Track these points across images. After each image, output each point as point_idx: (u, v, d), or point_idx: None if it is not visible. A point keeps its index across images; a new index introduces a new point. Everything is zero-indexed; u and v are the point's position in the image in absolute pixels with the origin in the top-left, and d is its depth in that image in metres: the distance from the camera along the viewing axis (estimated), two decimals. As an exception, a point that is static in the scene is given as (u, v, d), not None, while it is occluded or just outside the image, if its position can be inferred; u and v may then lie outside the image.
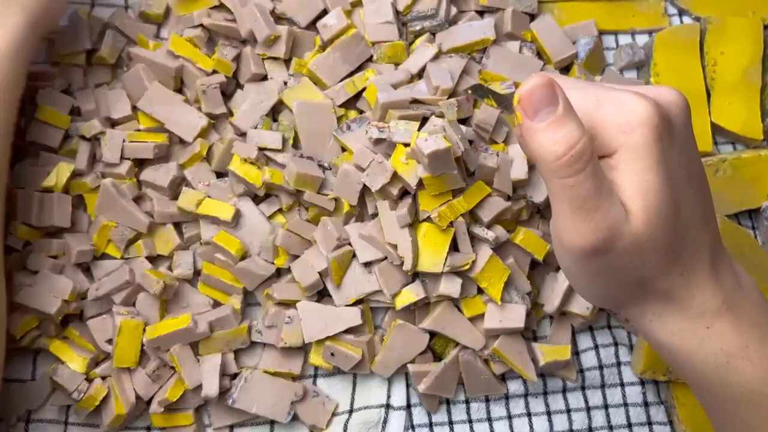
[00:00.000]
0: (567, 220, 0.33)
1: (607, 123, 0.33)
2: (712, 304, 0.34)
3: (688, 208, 0.34)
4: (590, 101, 0.34)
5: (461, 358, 0.52)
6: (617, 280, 0.35)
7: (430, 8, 0.56)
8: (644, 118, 0.32)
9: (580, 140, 0.31)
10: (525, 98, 0.32)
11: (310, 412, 0.52)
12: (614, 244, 0.32)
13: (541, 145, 0.32)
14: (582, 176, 0.31)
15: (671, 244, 0.33)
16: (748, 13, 0.62)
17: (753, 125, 0.59)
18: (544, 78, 0.31)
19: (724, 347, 0.34)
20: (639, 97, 0.33)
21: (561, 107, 0.31)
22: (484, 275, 0.51)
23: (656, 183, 0.32)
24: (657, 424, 0.55)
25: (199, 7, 0.56)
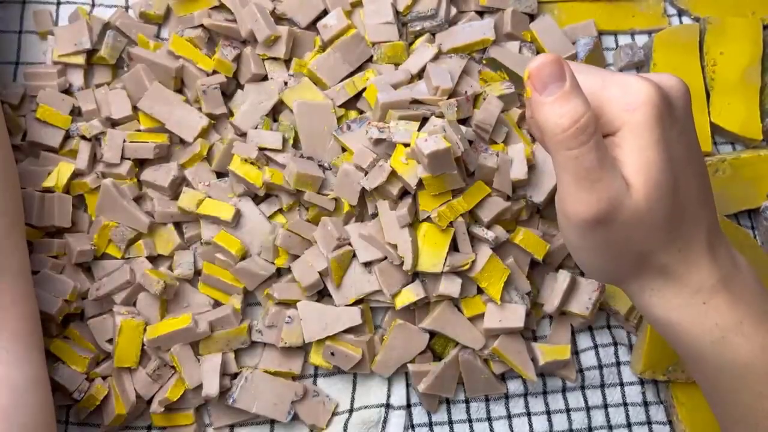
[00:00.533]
0: (571, 190, 0.35)
1: (611, 102, 0.35)
2: (709, 280, 0.36)
3: (686, 186, 0.36)
4: (596, 82, 0.36)
5: (461, 358, 0.52)
6: (618, 252, 0.36)
7: (430, 9, 0.56)
8: (647, 98, 0.34)
9: (584, 114, 0.33)
10: (534, 73, 0.34)
11: (311, 412, 0.52)
12: (615, 215, 0.34)
13: (548, 118, 0.34)
14: (586, 148, 0.34)
15: (670, 219, 0.35)
16: (747, 14, 0.62)
17: (752, 125, 0.59)
18: (553, 56, 0.34)
19: (720, 323, 0.36)
20: (642, 80, 0.35)
21: (568, 83, 0.34)
22: (484, 275, 0.51)
23: (657, 159, 0.34)
24: (656, 423, 0.55)
25: (199, 7, 0.57)
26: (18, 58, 0.57)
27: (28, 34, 0.58)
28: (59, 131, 0.53)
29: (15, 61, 0.57)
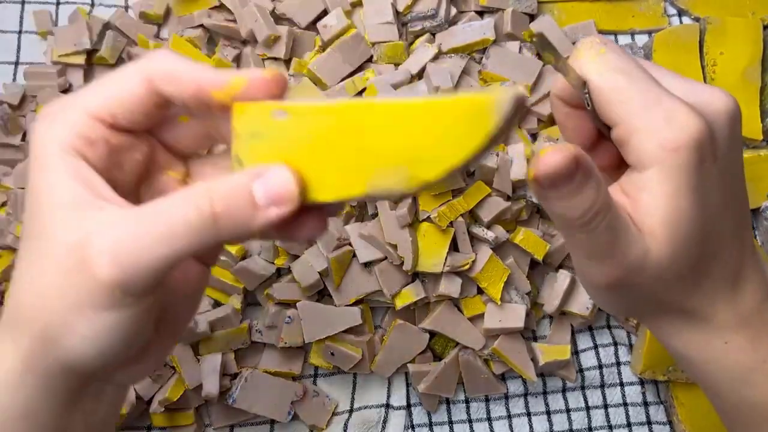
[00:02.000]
0: (583, 263, 0.32)
1: (648, 133, 0.30)
2: (733, 319, 0.33)
3: (720, 231, 0.32)
4: (639, 99, 0.30)
5: (461, 358, 0.52)
6: (638, 302, 0.34)
7: (429, 8, 0.56)
8: (690, 138, 0.29)
9: (596, 203, 0.29)
10: (542, 179, 0.28)
11: (310, 412, 0.52)
12: (633, 279, 0.31)
13: (553, 207, 0.30)
14: (596, 232, 0.30)
15: (697, 269, 0.32)
16: (747, 14, 0.62)
17: (752, 125, 0.59)
18: (565, 156, 0.28)
19: (741, 361, 0.33)
20: (690, 113, 0.29)
21: (578, 178, 0.28)
22: (484, 275, 0.51)
23: (689, 209, 0.30)
24: (656, 423, 0.55)
25: (199, 7, 0.56)
26: (18, 58, 0.57)
27: (28, 34, 0.58)
28: (59, 131, 0.53)
29: (15, 61, 0.57)
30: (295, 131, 0.28)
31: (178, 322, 0.33)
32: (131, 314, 0.28)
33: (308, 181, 0.28)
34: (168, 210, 0.27)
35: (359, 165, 0.27)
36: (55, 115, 0.29)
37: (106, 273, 0.26)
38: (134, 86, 0.29)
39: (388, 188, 0.27)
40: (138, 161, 0.31)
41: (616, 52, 0.31)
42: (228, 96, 0.29)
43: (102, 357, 0.28)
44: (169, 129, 0.32)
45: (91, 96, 0.30)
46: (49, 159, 0.29)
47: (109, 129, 0.30)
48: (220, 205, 0.27)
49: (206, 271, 0.34)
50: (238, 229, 0.27)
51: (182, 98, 0.29)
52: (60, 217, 0.28)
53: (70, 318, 0.27)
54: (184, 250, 0.27)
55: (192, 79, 0.29)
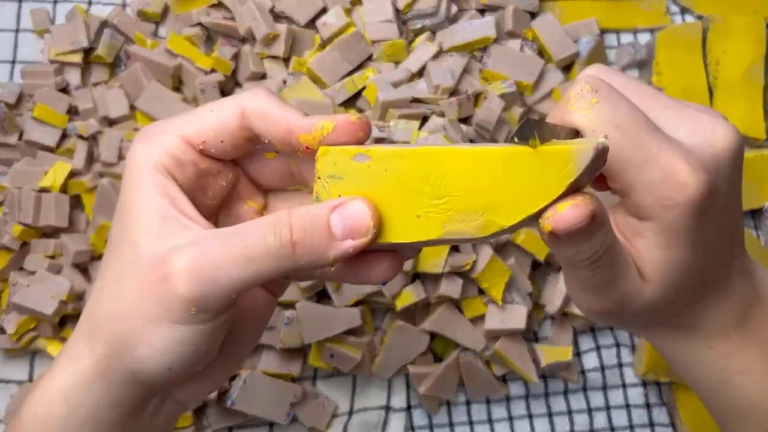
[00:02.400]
0: (578, 294, 0.33)
1: (648, 189, 0.30)
2: (719, 328, 0.34)
3: (711, 262, 0.32)
4: (635, 157, 0.29)
5: (462, 360, 0.52)
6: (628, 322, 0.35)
7: (430, 6, 0.55)
8: (690, 197, 0.29)
9: (603, 245, 0.29)
10: (560, 234, 0.28)
11: (310, 414, 0.52)
12: (625, 309, 0.32)
13: (563, 252, 0.30)
14: (598, 271, 0.30)
15: (685, 299, 0.33)
16: (750, 12, 0.62)
17: (756, 125, 0.59)
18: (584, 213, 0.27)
19: (726, 365, 0.34)
20: (689, 169, 0.29)
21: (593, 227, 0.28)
22: (485, 276, 0.51)
23: (683, 258, 0.31)
24: (659, 425, 0.54)
25: (197, 5, 0.56)
26: (15, 57, 0.57)
27: (25, 32, 0.57)
28: (56, 130, 0.53)
29: (12, 60, 0.57)
30: (375, 174, 0.29)
31: (241, 346, 0.34)
32: (203, 331, 0.29)
33: (386, 223, 0.29)
34: (249, 234, 0.29)
35: (436, 209, 0.29)
36: (152, 135, 0.32)
37: (184, 289, 0.28)
38: (229, 118, 0.31)
39: (464, 233, 0.29)
40: (222, 187, 0.33)
41: (608, 101, 0.30)
42: (315, 139, 0.30)
43: (169, 371, 0.30)
44: (254, 162, 0.34)
45: (187, 121, 0.32)
46: (141, 175, 0.31)
47: (199, 154, 0.32)
48: (299, 233, 0.28)
49: (273, 301, 0.36)
50: (314, 258, 0.29)
51: (271, 137, 0.31)
52: (145, 230, 0.30)
53: (144, 329, 0.29)
54: (261, 274, 0.28)
55: (283, 120, 0.31)
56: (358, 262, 0.31)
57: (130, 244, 0.30)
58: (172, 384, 0.31)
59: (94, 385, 0.30)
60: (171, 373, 0.30)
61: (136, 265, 0.29)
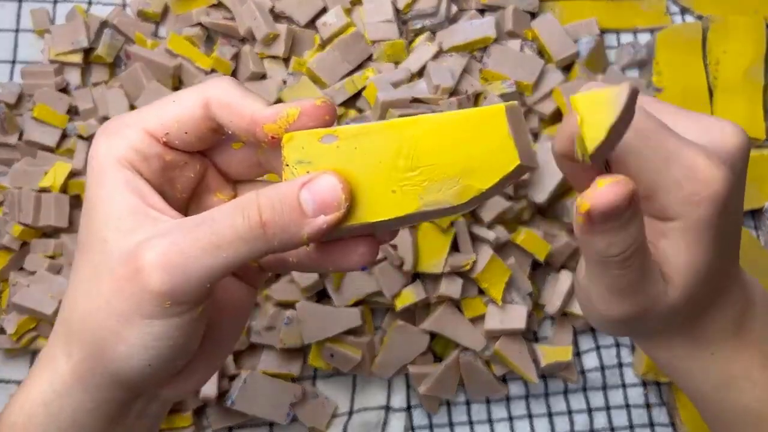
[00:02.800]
0: (603, 295, 0.31)
1: (671, 189, 0.29)
2: (719, 333, 0.34)
3: (725, 268, 0.33)
4: (656, 157, 0.29)
5: (462, 360, 0.52)
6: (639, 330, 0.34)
7: (430, 6, 0.55)
8: (715, 192, 0.29)
9: (637, 240, 0.28)
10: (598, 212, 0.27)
11: (310, 414, 0.52)
12: (648, 314, 0.31)
13: (596, 243, 0.29)
14: (628, 270, 0.29)
15: (704, 304, 0.33)
16: (750, 12, 0.62)
17: (756, 125, 0.59)
18: (625, 190, 0.26)
19: (726, 370, 0.34)
20: (711, 164, 0.29)
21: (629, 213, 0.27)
22: (485, 276, 0.51)
23: (706, 260, 0.30)
24: (659, 425, 0.54)
25: (197, 5, 0.56)
26: (15, 57, 0.57)
27: (25, 32, 0.57)
28: (56, 130, 0.53)
29: (12, 60, 0.57)
30: (344, 154, 0.28)
31: (223, 342, 0.33)
32: (179, 324, 0.28)
33: (360, 203, 0.28)
34: (217, 220, 0.27)
35: (410, 182, 0.28)
36: (113, 131, 0.30)
37: (156, 283, 0.27)
38: (192, 108, 0.30)
39: (442, 202, 0.28)
40: (190, 179, 0.32)
41: None
42: (280, 128, 0.29)
43: (149, 368, 0.29)
44: (221, 153, 0.33)
45: (149, 114, 0.31)
46: (105, 171, 0.30)
47: (164, 147, 0.31)
48: (268, 213, 0.27)
49: (253, 293, 0.35)
50: (287, 238, 0.28)
51: (235, 128, 0.30)
52: (114, 226, 0.29)
53: (120, 326, 0.28)
54: (233, 260, 0.27)
55: (247, 110, 0.30)
56: (334, 249, 0.30)
57: (100, 242, 0.29)
58: (154, 383, 0.30)
59: (72, 390, 0.30)
60: (151, 370, 0.29)
61: (107, 263, 0.29)
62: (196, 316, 0.29)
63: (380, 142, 0.28)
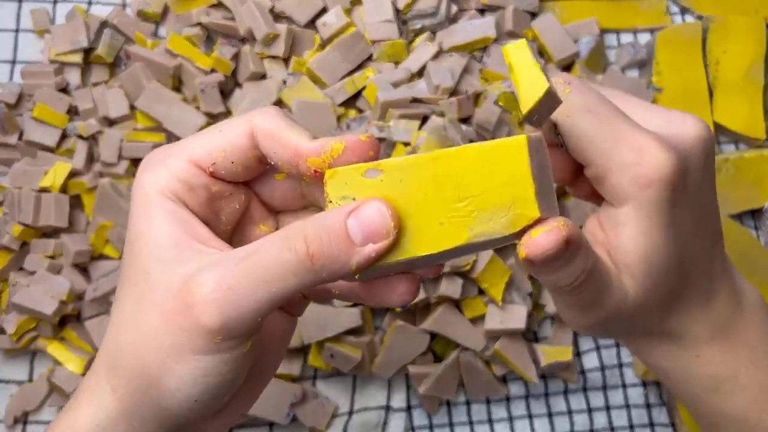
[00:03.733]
0: (566, 312, 0.33)
1: (621, 170, 0.30)
2: (704, 335, 0.34)
3: (691, 255, 0.33)
4: (608, 138, 0.30)
5: (462, 360, 0.52)
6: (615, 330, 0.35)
7: (430, 6, 0.55)
8: (662, 173, 0.30)
9: (584, 270, 0.29)
10: (534, 260, 0.28)
11: (310, 414, 0.52)
12: (612, 321, 0.32)
13: (544, 278, 0.30)
14: (581, 295, 0.31)
15: (669, 296, 0.33)
16: (750, 12, 0.62)
17: (756, 125, 0.59)
18: (556, 238, 0.27)
19: (713, 372, 0.34)
20: (660, 147, 0.30)
21: (570, 252, 0.28)
22: (485, 276, 0.51)
23: (664, 246, 0.31)
24: (659, 425, 0.54)
25: (197, 5, 0.56)
26: (15, 57, 0.57)
27: (25, 32, 0.57)
28: (56, 130, 0.53)
29: (12, 60, 0.57)
30: (388, 187, 0.28)
31: (264, 373, 0.33)
32: (228, 360, 0.28)
33: (407, 236, 0.27)
34: (264, 253, 0.27)
35: (459, 213, 0.27)
36: (158, 161, 0.30)
37: (209, 319, 0.27)
38: (238, 137, 0.30)
39: (492, 233, 0.27)
40: (235, 211, 0.32)
41: (580, 91, 0.31)
42: (324, 162, 0.29)
43: (195, 403, 0.28)
44: (265, 184, 0.33)
45: (195, 143, 0.30)
46: (149, 202, 0.29)
47: (210, 177, 0.30)
48: (315, 245, 0.27)
49: (294, 322, 0.35)
50: (336, 268, 0.27)
51: (278, 159, 0.30)
52: (156, 257, 0.28)
53: (169, 360, 0.28)
54: (283, 294, 0.27)
55: (291, 142, 0.29)
56: (377, 284, 0.30)
57: (143, 273, 0.29)
58: (198, 418, 0.30)
59: (117, 424, 0.29)
60: (198, 405, 0.29)
61: (153, 296, 0.28)
62: (245, 352, 0.28)
63: (426, 173, 0.27)
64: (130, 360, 0.29)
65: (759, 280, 0.55)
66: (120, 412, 0.29)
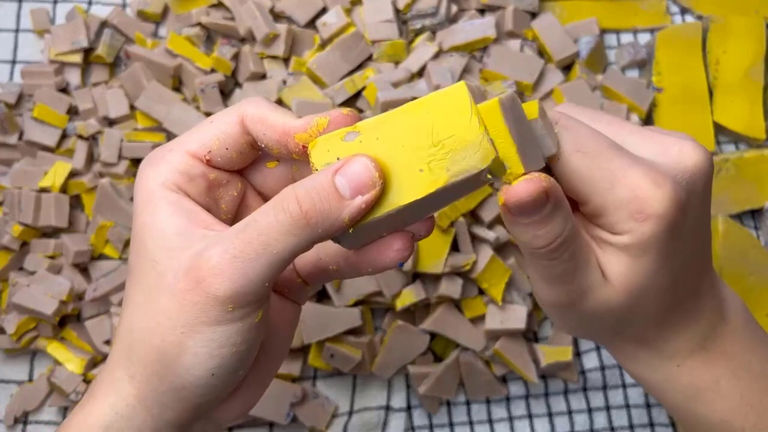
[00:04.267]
0: (538, 284, 0.33)
1: (619, 207, 0.30)
2: (686, 347, 0.34)
3: (683, 282, 0.33)
4: (603, 180, 0.30)
5: (462, 360, 0.52)
6: (590, 327, 0.35)
7: (430, 6, 0.55)
8: (659, 210, 0.30)
9: (562, 234, 0.30)
10: (512, 206, 0.29)
11: (310, 414, 0.52)
12: (584, 303, 0.32)
13: (521, 235, 0.31)
14: (558, 262, 0.31)
15: (656, 319, 0.33)
16: (751, 12, 0.62)
17: (756, 125, 0.59)
18: (536, 186, 0.28)
19: (695, 382, 0.34)
20: (655, 185, 0.30)
21: (548, 208, 0.29)
22: (485, 276, 0.51)
23: (649, 269, 0.31)
24: (659, 425, 0.54)
25: (197, 5, 0.56)
26: (15, 57, 0.57)
27: (25, 32, 0.57)
28: (56, 130, 0.53)
29: (12, 60, 0.57)
30: (368, 145, 0.29)
31: (272, 360, 0.34)
32: (241, 329, 0.29)
33: (392, 188, 0.29)
34: (260, 220, 0.29)
35: (435, 157, 0.29)
36: (157, 158, 0.32)
37: (219, 288, 0.28)
38: (230, 125, 0.32)
39: (468, 168, 0.28)
40: (233, 198, 0.34)
41: (568, 129, 0.31)
42: (311, 137, 0.30)
43: (213, 378, 0.30)
44: (258, 173, 0.35)
45: (189, 137, 0.32)
46: (151, 197, 0.31)
47: (207, 166, 0.32)
48: (307, 203, 0.28)
49: (298, 310, 0.36)
50: (330, 223, 0.29)
51: (268, 140, 0.31)
52: (162, 247, 0.30)
53: (184, 337, 0.29)
54: (285, 254, 0.29)
55: (279, 122, 0.31)
56: (370, 249, 0.31)
57: (150, 264, 0.30)
58: (215, 398, 0.31)
59: (136, 412, 0.30)
60: (215, 380, 0.30)
61: (163, 282, 0.29)
62: (257, 322, 0.30)
63: (399, 126, 0.29)
64: (146, 346, 0.30)
65: (759, 280, 0.55)
66: (139, 400, 0.30)
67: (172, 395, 0.30)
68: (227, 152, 0.32)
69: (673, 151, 0.32)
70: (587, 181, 0.31)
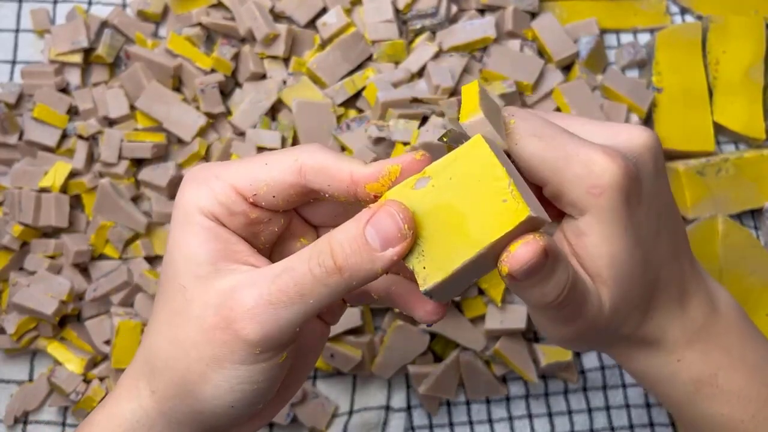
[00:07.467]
0: (548, 328, 0.34)
1: (574, 184, 0.31)
2: (683, 338, 0.35)
3: (657, 257, 0.34)
4: (558, 158, 0.31)
5: (462, 360, 0.52)
6: (595, 340, 0.36)
7: (430, 7, 0.55)
8: (612, 180, 0.31)
9: (567, 281, 0.30)
10: (518, 273, 0.29)
11: (310, 414, 0.52)
12: (590, 332, 0.33)
13: (531, 296, 0.31)
14: (565, 309, 0.31)
15: (642, 299, 0.34)
16: (750, 12, 0.62)
17: (755, 125, 0.59)
18: (535, 249, 0.28)
19: (694, 376, 0.35)
20: (607, 157, 0.31)
21: (550, 263, 0.29)
22: (485, 276, 0.51)
23: (627, 249, 0.32)
24: (659, 425, 0.54)
25: (197, 5, 0.56)
26: (15, 57, 0.57)
27: (25, 32, 0.57)
28: (56, 130, 0.53)
29: (12, 60, 0.57)
30: (442, 189, 0.29)
31: (296, 379, 0.35)
32: (265, 369, 0.30)
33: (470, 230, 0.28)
34: (297, 269, 0.29)
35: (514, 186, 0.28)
36: (202, 180, 0.31)
37: (250, 333, 0.29)
38: (284, 174, 0.31)
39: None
40: (273, 233, 0.33)
41: (524, 119, 0.32)
42: (383, 186, 0.30)
43: (231, 409, 0.30)
44: (307, 206, 0.34)
45: (240, 171, 0.31)
46: (189, 220, 0.31)
47: (250, 205, 0.32)
48: (341, 257, 0.28)
49: (327, 329, 0.36)
50: (362, 275, 0.29)
51: (333, 191, 0.31)
52: (192, 273, 0.30)
53: (208, 370, 0.30)
54: (318, 304, 0.29)
55: (345, 173, 0.30)
56: (410, 298, 0.32)
57: (179, 287, 0.30)
58: (233, 423, 0.32)
59: (155, 423, 0.31)
60: (233, 411, 0.30)
61: (190, 310, 0.30)
62: (281, 362, 0.30)
63: (470, 161, 0.29)
64: (170, 370, 0.30)
65: (759, 280, 0.55)
66: (158, 413, 0.31)
67: (191, 416, 0.31)
68: (274, 200, 0.31)
69: (622, 136, 0.33)
70: (544, 161, 0.31)
